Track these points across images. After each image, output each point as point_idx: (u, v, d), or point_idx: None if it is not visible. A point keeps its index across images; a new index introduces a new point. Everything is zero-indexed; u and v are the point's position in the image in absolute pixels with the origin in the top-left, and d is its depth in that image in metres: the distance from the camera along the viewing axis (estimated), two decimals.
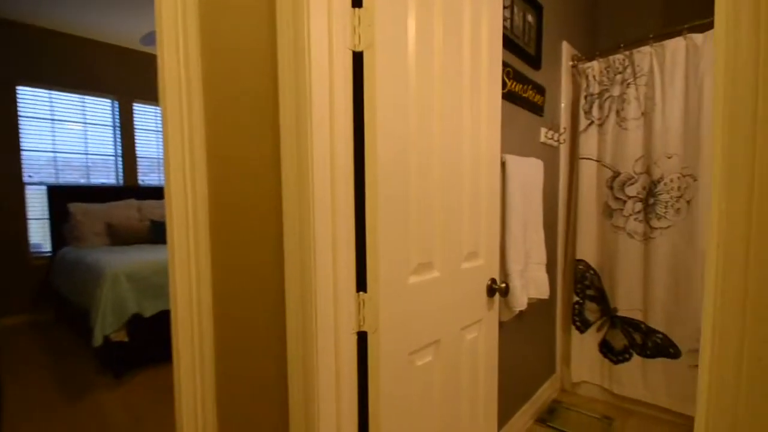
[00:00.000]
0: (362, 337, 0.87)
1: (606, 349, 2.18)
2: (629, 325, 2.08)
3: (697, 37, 1.84)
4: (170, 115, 0.99)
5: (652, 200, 2.00)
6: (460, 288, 1.09)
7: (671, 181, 1.95)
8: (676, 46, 1.91)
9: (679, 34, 1.90)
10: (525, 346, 1.94)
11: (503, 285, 1.19)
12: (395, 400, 0.90)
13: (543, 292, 1.72)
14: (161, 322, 2.55)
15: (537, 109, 1.97)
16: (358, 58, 0.82)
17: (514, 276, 1.53)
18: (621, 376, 2.10)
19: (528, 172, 1.69)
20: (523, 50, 1.79)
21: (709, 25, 1.84)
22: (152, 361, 2.63)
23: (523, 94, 1.82)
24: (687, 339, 1.90)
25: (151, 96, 4.17)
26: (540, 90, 1.98)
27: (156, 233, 3.56)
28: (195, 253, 1.01)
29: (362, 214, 0.85)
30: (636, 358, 2.06)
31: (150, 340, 2.55)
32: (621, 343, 2.11)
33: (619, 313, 2.11)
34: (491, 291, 1.21)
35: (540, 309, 2.08)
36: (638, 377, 2.06)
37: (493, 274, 1.22)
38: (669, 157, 1.95)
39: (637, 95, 2.04)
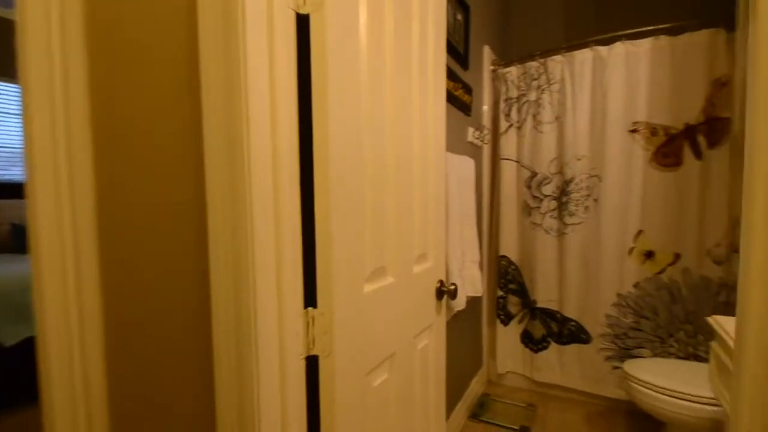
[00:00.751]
0: (311, 362, 0.73)
1: (527, 339, 2.30)
2: (547, 315, 2.22)
3: (603, 50, 2.02)
4: (35, 92, 0.74)
5: (565, 199, 2.15)
6: (412, 293, 1.00)
7: (581, 181, 2.11)
8: (584, 56, 2.07)
9: (586, 46, 2.07)
10: (458, 343, 1.94)
11: (452, 287, 1.14)
12: (350, 430, 0.78)
13: (478, 290, 1.73)
14: (30, 352, 2.05)
15: (466, 109, 1.98)
16: (302, 23, 0.68)
17: (453, 275, 1.50)
18: (541, 364, 2.23)
19: (462, 170, 1.68)
20: (454, 48, 1.78)
21: (612, 39, 2.02)
22: (18, 404, 2.11)
23: (455, 92, 1.81)
24: (596, 325, 2.08)
25: (11, 71, 3.39)
26: (468, 90, 2.00)
27: (20, 240, 2.90)
28: (74, 265, 0.77)
29: (308, 213, 0.71)
30: (553, 346, 2.21)
31: (13, 375, 2.04)
32: (540, 332, 2.25)
33: (538, 305, 2.24)
34: (440, 294, 1.15)
35: (469, 305, 2.11)
36: (556, 364, 2.20)
37: (440, 276, 1.17)
38: (579, 159, 2.11)
39: (551, 101, 2.18)
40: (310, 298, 0.72)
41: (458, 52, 1.83)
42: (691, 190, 1.87)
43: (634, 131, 1.99)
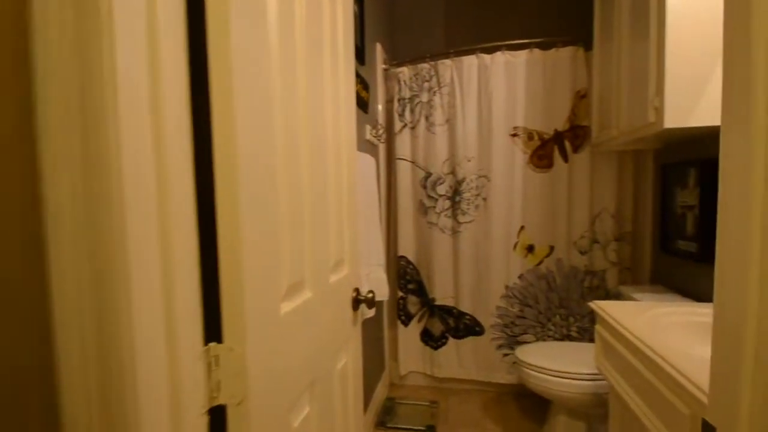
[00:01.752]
0: (217, 413, 0.54)
1: (427, 337, 2.33)
2: (444, 311, 2.28)
3: (486, 57, 2.16)
4: None
5: (457, 198, 2.24)
6: (330, 307, 0.86)
7: (471, 181, 2.22)
8: (470, 62, 2.18)
9: (473, 53, 2.18)
10: (363, 350, 1.84)
11: (370, 295, 1.03)
12: None
13: (384, 294, 1.66)
14: None
15: (363, 105, 1.91)
16: None
17: (362, 281, 1.40)
18: (441, 360, 2.28)
19: (365, 168, 1.60)
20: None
21: (494, 48, 2.16)
22: None
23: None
24: (488, 316, 2.21)
25: None
26: (366, 86, 1.92)
27: None
28: None
29: (207, 216, 0.52)
30: (451, 341, 2.28)
31: None
32: (439, 329, 2.30)
33: (437, 302, 2.28)
34: (356, 303, 1.03)
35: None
36: (454, 358, 2.28)
37: (356, 284, 1.05)
38: (468, 160, 2.22)
39: (442, 103, 2.25)
40: (214, 330, 0.53)
41: (355, 44, 1.74)
42: (560, 189, 2.11)
43: (514, 135, 2.16)
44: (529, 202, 2.15)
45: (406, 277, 2.34)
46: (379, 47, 2.23)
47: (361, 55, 1.86)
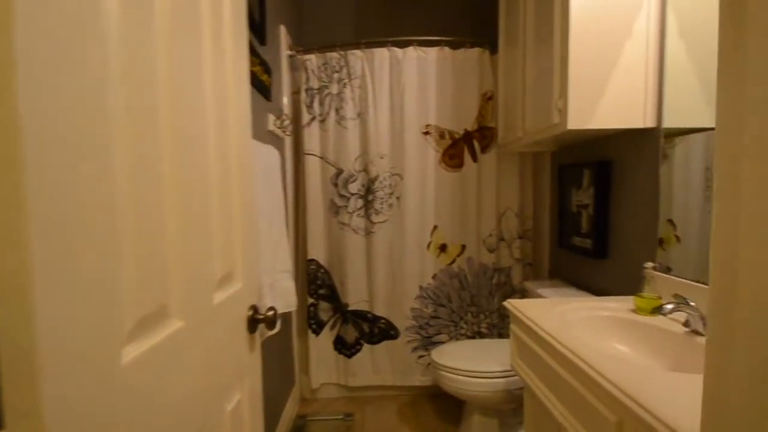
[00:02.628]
0: None
1: (340, 345, 2.18)
2: (358, 317, 2.16)
3: (398, 52, 2.08)
4: None
5: (371, 197, 2.13)
6: (215, 335, 0.67)
7: (384, 179, 2.13)
8: (382, 55, 2.09)
9: (384, 45, 2.09)
10: (267, 367, 1.63)
11: (270, 312, 0.85)
12: None
13: (291, 304, 1.47)
14: None
15: (265, 91, 1.69)
16: None
17: (264, 292, 1.20)
18: (355, 369, 2.16)
19: (268, 161, 1.39)
20: (249, 12, 1.46)
21: (406, 43, 2.10)
22: None
23: (252, 67, 1.49)
24: (403, 319, 2.14)
25: None
26: (267, 69, 1.71)
27: None
28: None
29: None
30: (366, 347, 2.16)
31: None
32: (353, 336, 2.17)
33: (350, 308, 2.15)
34: (253, 324, 0.84)
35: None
36: (368, 365, 2.17)
37: (253, 300, 0.86)
38: (381, 158, 2.13)
39: (353, 96, 2.12)
40: None
41: (253, 19, 1.52)
42: (470, 188, 2.13)
43: (426, 133, 2.13)
44: (442, 201, 2.13)
45: (317, 282, 2.16)
46: (283, 30, 2.02)
47: (261, 32, 1.63)
